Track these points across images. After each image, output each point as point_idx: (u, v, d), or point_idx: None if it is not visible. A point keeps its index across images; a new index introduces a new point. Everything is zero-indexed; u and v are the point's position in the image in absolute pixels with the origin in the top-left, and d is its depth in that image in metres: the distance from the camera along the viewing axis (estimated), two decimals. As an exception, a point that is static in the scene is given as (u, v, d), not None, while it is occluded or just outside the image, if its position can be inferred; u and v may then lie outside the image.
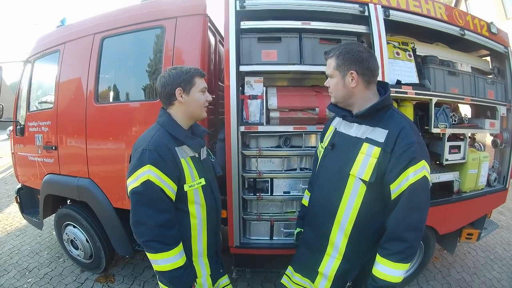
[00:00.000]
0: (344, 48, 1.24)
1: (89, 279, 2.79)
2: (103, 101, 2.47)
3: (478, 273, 2.93)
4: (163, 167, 1.22)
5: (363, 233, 1.25)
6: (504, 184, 2.75)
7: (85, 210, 2.63)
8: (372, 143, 1.17)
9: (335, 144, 1.33)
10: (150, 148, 1.23)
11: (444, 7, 2.30)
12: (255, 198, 2.10)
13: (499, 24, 2.78)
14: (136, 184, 1.21)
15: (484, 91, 2.51)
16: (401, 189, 1.12)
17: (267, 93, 2.05)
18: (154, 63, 2.33)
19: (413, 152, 1.10)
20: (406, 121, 1.19)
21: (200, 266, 1.41)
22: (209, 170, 1.49)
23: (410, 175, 1.10)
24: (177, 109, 1.36)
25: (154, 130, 1.33)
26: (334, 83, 1.26)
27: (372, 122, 1.20)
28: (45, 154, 2.75)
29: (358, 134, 1.24)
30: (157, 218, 1.21)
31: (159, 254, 1.22)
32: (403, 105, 2.21)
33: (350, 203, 1.23)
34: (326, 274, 1.31)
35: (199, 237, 1.39)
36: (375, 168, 1.15)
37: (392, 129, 1.15)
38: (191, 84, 1.34)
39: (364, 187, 1.19)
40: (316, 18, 2.02)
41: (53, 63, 2.71)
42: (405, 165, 1.10)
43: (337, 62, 1.23)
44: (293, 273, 1.46)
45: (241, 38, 1.99)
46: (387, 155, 1.13)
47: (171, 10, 2.22)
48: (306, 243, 1.45)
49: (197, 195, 1.35)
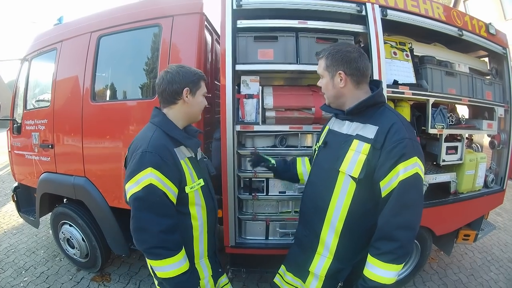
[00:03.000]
0: (333, 48, 1.24)
1: (85, 278, 2.78)
2: (99, 100, 2.46)
3: (475, 274, 2.93)
4: (165, 170, 1.17)
5: (355, 232, 1.23)
6: (501, 185, 2.75)
7: (81, 209, 2.62)
8: (362, 140, 1.16)
9: (327, 142, 1.34)
10: (150, 150, 1.17)
11: (442, 7, 2.29)
12: (250, 198, 2.10)
13: (498, 25, 2.77)
14: (137, 188, 1.15)
15: (482, 92, 2.50)
16: (391, 187, 1.09)
17: (263, 92, 2.04)
18: (150, 61, 2.32)
19: (403, 147, 1.07)
20: (398, 117, 1.17)
21: (202, 267, 1.37)
22: (205, 170, 1.47)
23: (400, 171, 1.07)
24: (179, 109, 1.32)
25: (151, 131, 1.26)
26: (324, 83, 1.28)
27: (363, 119, 1.19)
28: (42, 152, 2.74)
29: (349, 131, 1.23)
30: (161, 224, 1.15)
31: (163, 261, 1.15)
32: (400, 105, 2.20)
33: (340, 201, 1.21)
34: (317, 274, 1.30)
35: (201, 238, 1.36)
36: (364, 165, 1.13)
37: (382, 125, 1.13)
38: (197, 86, 1.33)
39: (353, 184, 1.18)
40: (313, 17, 2.01)
41: (50, 61, 2.70)
42: (395, 161, 1.07)
43: (326, 62, 1.24)
44: (285, 272, 1.45)
45: (237, 37, 1.98)
46: (377, 151, 1.11)
47: (168, 8, 2.21)
48: (299, 241, 1.44)
49: (197, 197, 1.32)
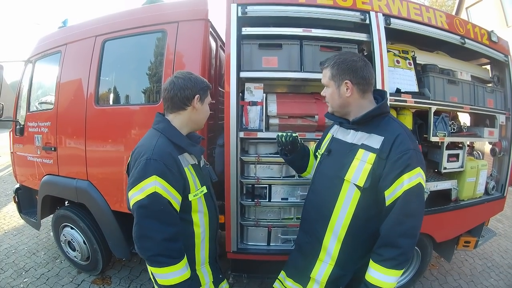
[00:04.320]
0: (338, 57, 1.25)
1: (85, 280, 2.78)
2: (103, 104, 2.47)
3: (475, 280, 2.94)
4: (169, 178, 1.16)
5: (357, 239, 1.25)
6: (502, 192, 2.76)
7: (83, 212, 2.63)
8: (367, 149, 1.18)
9: (331, 150, 1.35)
10: (155, 157, 1.16)
11: (445, 16, 2.30)
12: (253, 204, 2.10)
13: (500, 32, 2.78)
14: (141, 196, 1.14)
15: (484, 99, 2.51)
16: (396, 196, 1.12)
17: (267, 99, 2.05)
18: (154, 67, 2.33)
19: (408, 158, 1.11)
20: (403, 128, 1.20)
21: (203, 273, 1.38)
22: (207, 177, 1.47)
23: (405, 181, 1.10)
24: (186, 116, 1.31)
25: (155, 138, 1.24)
26: (329, 93, 1.28)
27: (368, 129, 1.21)
28: (44, 154, 2.75)
29: (354, 140, 1.25)
30: (165, 232, 1.14)
31: (165, 268, 1.15)
32: (402, 113, 2.21)
33: (344, 208, 1.23)
34: (318, 280, 1.32)
35: (202, 245, 1.36)
36: (369, 174, 1.16)
37: (388, 136, 1.16)
38: (206, 94, 1.35)
39: (358, 193, 1.20)
40: (317, 26, 2.03)
41: (54, 64, 2.71)
42: (400, 171, 1.11)
43: (332, 72, 1.24)
44: (285, 278, 1.46)
45: (242, 44, 1.99)
46: (382, 161, 1.14)
47: (173, 14, 2.23)
48: (300, 248, 1.45)
49: (200, 204, 1.32)
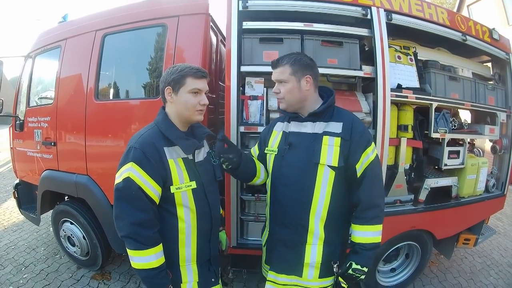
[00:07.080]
0: (295, 56, 1.40)
1: (85, 276, 2.78)
2: (103, 98, 2.47)
3: (474, 278, 2.94)
4: (146, 166, 1.21)
5: (336, 214, 1.39)
6: (502, 190, 2.76)
7: (82, 207, 2.62)
8: (331, 135, 1.35)
9: (292, 143, 1.42)
10: (136, 146, 1.23)
11: (447, 12, 2.30)
12: (253, 199, 2.10)
13: (501, 30, 2.78)
14: (118, 180, 1.23)
15: (485, 97, 2.51)
16: (364, 166, 1.34)
17: (268, 94, 2.05)
18: (155, 61, 2.32)
19: (367, 136, 1.38)
20: (352, 114, 1.46)
21: (187, 271, 1.36)
22: (205, 173, 1.41)
23: (369, 153, 1.35)
24: (170, 109, 1.33)
25: (147, 129, 1.33)
26: (288, 88, 1.38)
27: (324, 119, 1.40)
28: (44, 150, 2.74)
29: (315, 130, 1.40)
30: (133, 216, 1.21)
31: (133, 251, 1.23)
32: (403, 109, 2.21)
33: (323, 190, 1.36)
34: (313, 263, 1.39)
35: (187, 242, 1.35)
36: (340, 154, 1.33)
37: (345, 121, 1.37)
38: (180, 83, 1.27)
39: (333, 173, 1.35)
40: (318, 20, 2.02)
41: (54, 59, 2.70)
42: (364, 146, 1.35)
43: (293, 68, 1.36)
44: (277, 276, 1.45)
45: (243, 38, 1.99)
46: (347, 142, 1.34)
47: (174, 8, 2.22)
48: (285, 242, 1.44)
49: (185, 198, 1.31)
